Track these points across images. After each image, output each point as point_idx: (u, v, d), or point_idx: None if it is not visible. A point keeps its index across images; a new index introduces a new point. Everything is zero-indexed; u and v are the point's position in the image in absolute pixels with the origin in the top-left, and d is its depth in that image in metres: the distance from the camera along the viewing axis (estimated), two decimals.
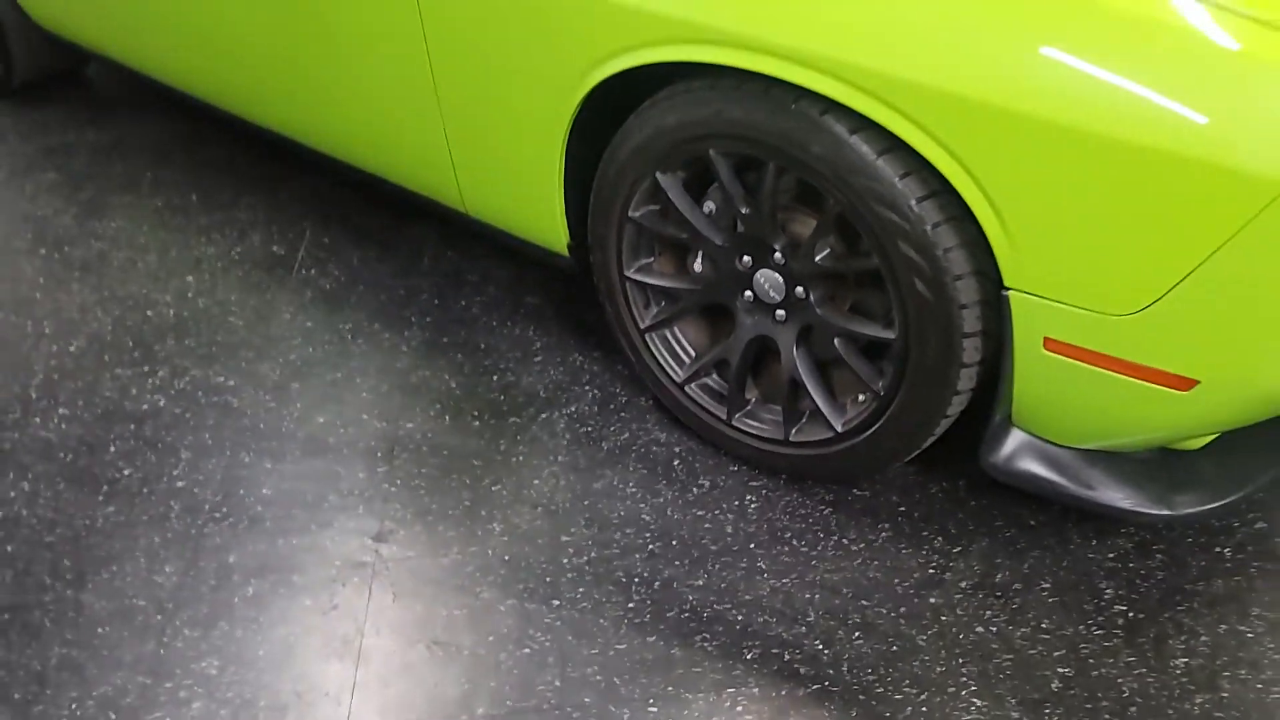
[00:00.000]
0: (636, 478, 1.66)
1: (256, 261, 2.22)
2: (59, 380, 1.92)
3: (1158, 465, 1.38)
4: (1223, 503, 1.33)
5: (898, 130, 1.17)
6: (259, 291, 2.13)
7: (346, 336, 2.00)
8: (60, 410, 1.85)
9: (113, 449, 1.77)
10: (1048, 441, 1.37)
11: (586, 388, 1.85)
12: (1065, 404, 1.29)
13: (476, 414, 1.80)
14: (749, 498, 1.61)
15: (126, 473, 1.73)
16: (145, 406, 1.86)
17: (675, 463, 1.68)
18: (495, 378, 1.88)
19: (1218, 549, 1.50)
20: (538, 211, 1.70)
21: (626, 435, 1.74)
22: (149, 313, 2.08)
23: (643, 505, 1.61)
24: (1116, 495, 1.35)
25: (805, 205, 1.42)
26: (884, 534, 1.55)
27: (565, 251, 1.75)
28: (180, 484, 1.71)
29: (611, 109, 1.50)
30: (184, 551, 1.59)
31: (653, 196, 1.51)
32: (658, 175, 1.46)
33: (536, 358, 1.93)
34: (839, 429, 1.48)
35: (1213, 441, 1.37)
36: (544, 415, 1.79)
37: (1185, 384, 1.17)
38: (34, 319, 2.07)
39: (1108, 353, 1.19)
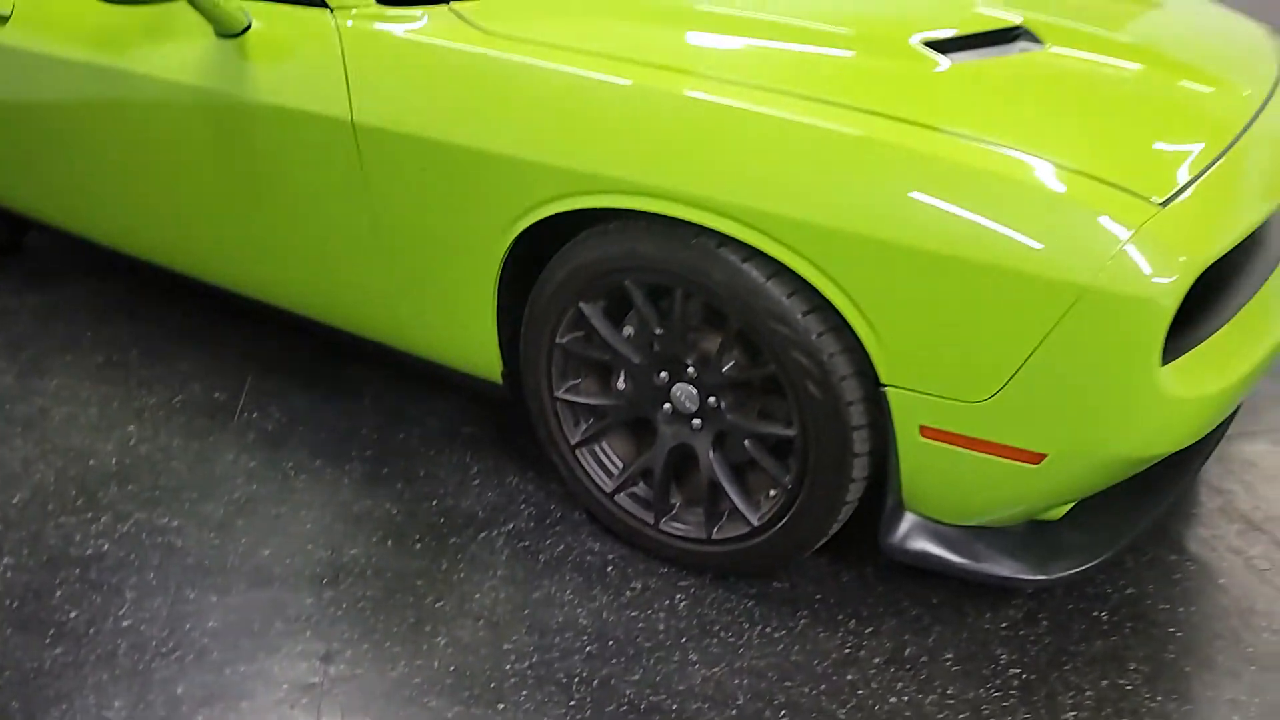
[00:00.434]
0: (573, 585, 1.78)
1: (198, 408, 2.32)
2: (3, 531, 1.96)
3: (1032, 536, 1.57)
4: (1091, 564, 1.52)
5: (782, 258, 1.40)
6: (201, 436, 2.22)
7: (290, 473, 2.10)
8: (5, 559, 1.89)
9: (59, 593, 1.81)
10: (936, 521, 1.56)
11: (522, 506, 1.98)
12: (943, 483, 1.48)
13: (418, 537, 1.91)
14: (678, 596, 1.74)
15: (73, 615, 1.77)
16: (89, 551, 1.91)
17: (609, 569, 1.81)
18: (435, 502, 2.00)
19: (1095, 613, 1.69)
20: (474, 344, 1.87)
21: (562, 547, 1.86)
22: (91, 462, 2.15)
23: (580, 610, 1.72)
24: (1000, 566, 1.53)
25: (710, 324, 1.63)
26: (803, 620, 1.69)
27: (499, 379, 1.92)
28: (126, 623, 1.75)
29: (534, 249, 1.71)
30: (132, 686, 1.63)
31: (577, 323, 1.70)
32: (581, 305, 1.65)
33: (475, 481, 2.06)
34: (755, 523, 1.64)
35: (1073, 510, 1.57)
36: (483, 534, 1.91)
37: (1035, 458, 1.38)
38: None
39: (970, 434, 1.40)
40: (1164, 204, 1.28)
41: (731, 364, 1.59)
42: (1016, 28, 1.71)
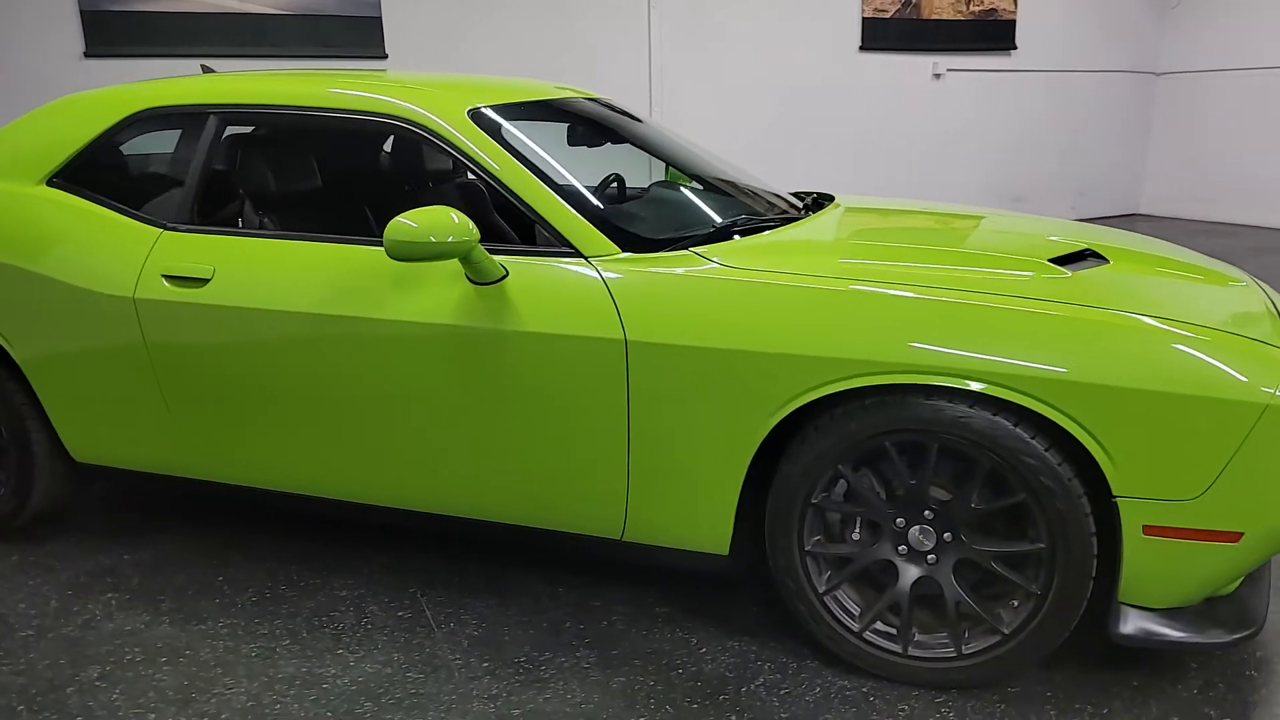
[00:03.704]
0: (844, 717, 2.02)
1: (395, 626, 2.40)
2: None
3: (1207, 609, 2.02)
4: (1261, 625, 1.99)
5: (1032, 407, 1.87)
6: (417, 649, 2.30)
7: (527, 668, 2.22)
8: None
9: None
10: (1147, 608, 1.98)
11: (758, 662, 2.21)
12: (1159, 571, 1.92)
13: (690, 701, 2.09)
14: (944, 710, 2.03)
15: None
16: None
17: (871, 698, 2.07)
18: (680, 671, 2.19)
19: (1248, 671, 2.14)
20: (708, 523, 2.17)
21: (818, 689, 2.11)
22: (325, 685, 2.17)
23: None
24: (1208, 635, 1.95)
25: (948, 471, 2.03)
26: (1050, 713, 2.02)
27: (725, 551, 2.21)
28: None
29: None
30: None
31: (830, 484, 2.07)
32: (839, 467, 2.03)
33: (701, 650, 2.27)
34: (1006, 631, 2.00)
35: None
36: (745, 689, 2.12)
37: (1235, 537, 1.86)
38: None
39: (1184, 525, 1.87)
40: None
41: (976, 499, 1.99)
42: (1085, 250, 2.37)
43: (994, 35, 9.23)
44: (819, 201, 2.94)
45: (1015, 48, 9.33)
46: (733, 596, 2.52)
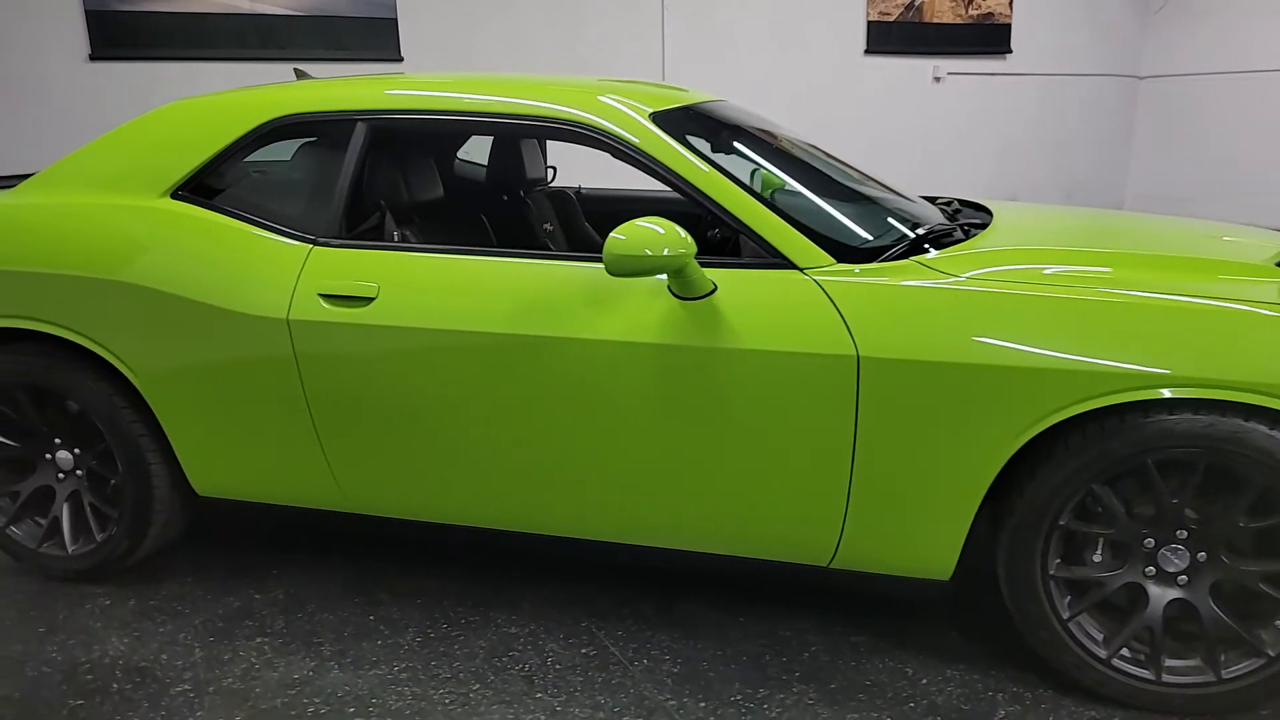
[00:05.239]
0: None
1: (581, 665, 2.25)
2: None
3: None
4: None
5: None
6: (621, 690, 2.15)
7: (748, 706, 2.09)
8: None
9: None
10: None
11: (989, 693, 2.11)
12: None
13: None
14: None
15: None
16: None
17: None
18: (912, 705, 2.08)
19: None
20: (936, 547, 2.07)
21: (1067, 717, 2.02)
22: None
23: None
24: None
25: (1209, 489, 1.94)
26: None
27: (949, 576, 2.11)
28: None
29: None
30: None
31: (1080, 505, 1.97)
32: (1093, 487, 1.94)
33: (922, 680, 2.17)
34: (1271, 654, 1.93)
35: None
36: None
37: None
38: None
39: None
40: None
41: (1245, 516, 1.91)
42: None
43: (991, 39, 9.33)
44: (958, 209, 2.85)
45: (1010, 51, 9.43)
46: (925, 621, 2.42)
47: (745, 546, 2.22)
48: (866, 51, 8.65)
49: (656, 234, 1.94)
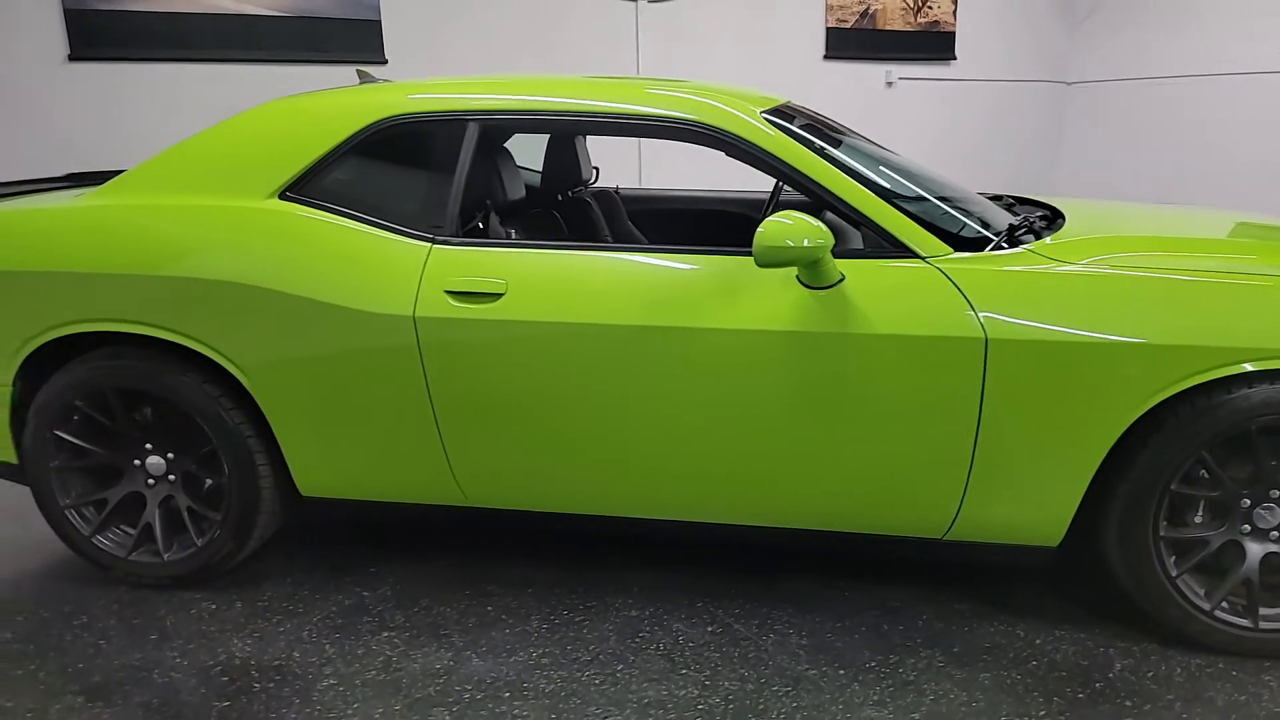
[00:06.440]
0: (1226, 690, 2.11)
1: (714, 642, 2.34)
2: None
3: None
4: None
5: None
6: (759, 663, 2.25)
7: (883, 672, 2.22)
8: None
9: None
10: None
11: (1100, 649, 2.28)
12: None
13: (1069, 689, 2.13)
14: None
15: None
16: None
17: (1233, 673, 2.17)
18: (1034, 664, 2.24)
19: None
20: (1050, 515, 2.23)
21: (1179, 669, 2.20)
22: (700, 707, 2.10)
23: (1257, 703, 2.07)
24: None
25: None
26: None
27: (1058, 542, 2.27)
28: None
29: None
30: None
31: (1190, 470, 2.16)
32: (1203, 453, 2.12)
33: (1035, 640, 2.32)
34: None
35: None
36: (1109, 674, 2.18)
37: None
38: None
39: None
40: None
41: None
42: None
43: (937, 46, 9.72)
44: (1011, 204, 3.04)
45: (955, 58, 9.83)
46: (1018, 587, 2.58)
47: (866, 523, 2.35)
48: (825, 57, 8.94)
49: (807, 225, 2.06)
